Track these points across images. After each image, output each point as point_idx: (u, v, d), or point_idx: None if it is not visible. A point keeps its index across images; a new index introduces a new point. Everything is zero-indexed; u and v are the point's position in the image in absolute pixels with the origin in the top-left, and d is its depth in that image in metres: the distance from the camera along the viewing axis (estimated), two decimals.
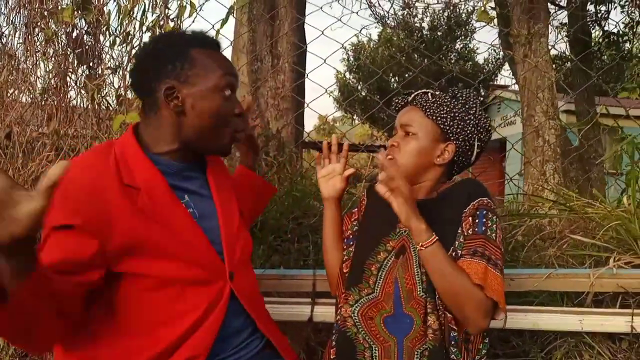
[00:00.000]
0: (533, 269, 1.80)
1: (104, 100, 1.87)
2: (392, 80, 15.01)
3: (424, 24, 14.74)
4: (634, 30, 8.19)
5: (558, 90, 4.01)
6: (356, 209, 1.35)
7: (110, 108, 1.89)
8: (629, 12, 8.01)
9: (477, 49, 15.89)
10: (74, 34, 1.83)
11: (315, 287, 1.68)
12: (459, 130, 1.18)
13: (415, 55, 14.28)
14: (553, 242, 1.91)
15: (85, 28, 1.83)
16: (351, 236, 1.30)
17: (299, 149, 4.99)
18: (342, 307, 1.19)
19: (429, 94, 1.21)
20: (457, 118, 1.18)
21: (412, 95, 1.23)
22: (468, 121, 1.19)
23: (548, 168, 3.47)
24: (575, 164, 4.10)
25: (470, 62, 15.47)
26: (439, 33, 14.46)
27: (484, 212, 1.12)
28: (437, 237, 1.06)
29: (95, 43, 1.83)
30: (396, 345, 1.12)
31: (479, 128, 1.21)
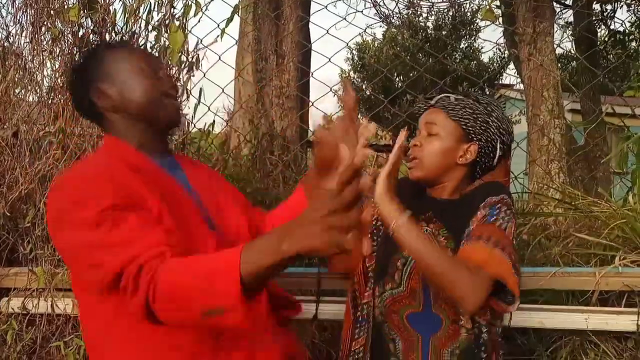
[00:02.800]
0: (538, 267, 1.79)
1: None
2: (397, 79, 14.98)
3: (429, 23, 14.70)
4: None
5: (563, 89, 4.00)
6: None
7: None
8: (635, 10, 7.97)
9: (482, 47, 15.85)
10: (80, 33, 1.84)
11: (320, 285, 1.68)
12: (481, 131, 1.21)
13: (420, 55, 14.25)
14: (558, 241, 1.91)
15: (92, 27, 1.84)
16: (375, 230, 1.29)
17: (303, 148, 5.01)
18: (370, 299, 1.20)
19: (452, 97, 1.24)
20: (480, 119, 1.21)
21: (435, 99, 1.25)
22: (490, 123, 1.22)
23: (553, 167, 3.46)
24: (581, 163, 4.09)
25: (475, 62, 15.42)
26: (443, 32, 14.43)
27: (498, 205, 1.14)
28: (407, 215, 1.05)
29: (102, 42, 1.83)
30: (420, 342, 1.13)
31: (501, 130, 1.23)
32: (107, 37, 1.85)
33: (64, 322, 1.75)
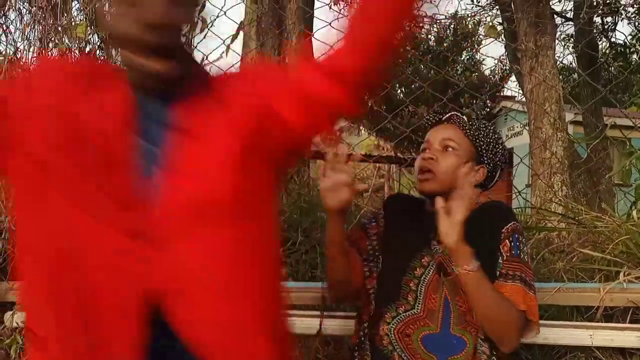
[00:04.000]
0: (542, 282, 1.79)
1: None
2: (399, 90, 15.04)
3: (430, 36, 14.79)
4: None
5: (565, 102, 4.02)
6: (373, 223, 1.33)
7: None
8: (636, 23, 8.02)
9: (483, 60, 15.92)
10: (87, 49, 1.87)
11: (324, 299, 1.68)
12: (492, 155, 1.25)
13: (422, 66, 14.32)
14: (562, 256, 1.91)
15: (99, 43, 1.86)
16: (372, 252, 1.29)
17: (306, 161, 5.02)
18: (378, 325, 1.18)
19: (464, 116, 1.28)
20: (492, 144, 1.25)
21: (449, 115, 1.28)
22: (498, 148, 1.26)
23: (556, 180, 3.46)
24: (583, 176, 4.09)
25: (476, 74, 15.48)
26: (445, 44, 14.51)
27: (516, 235, 1.17)
28: (478, 264, 1.07)
29: (108, 58, 1.86)
30: None
31: (504, 158, 1.28)
32: (114, 53, 1.88)
33: None
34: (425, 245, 1.21)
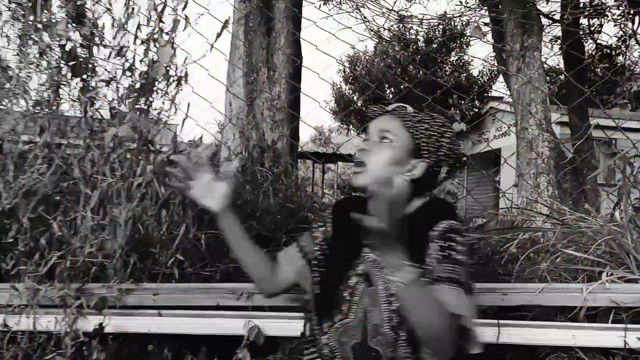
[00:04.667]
0: (526, 283, 1.79)
1: (97, 112, 1.86)
2: (388, 91, 15.08)
3: (419, 37, 14.84)
4: (627, 43, 8.28)
5: (551, 102, 4.04)
6: (321, 227, 1.28)
7: (104, 121, 1.89)
8: (622, 25, 8.11)
9: (471, 60, 16.01)
10: (68, 47, 1.83)
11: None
12: (433, 149, 1.16)
13: (411, 67, 14.37)
14: (546, 256, 1.91)
15: (80, 41, 1.83)
16: (320, 256, 1.23)
17: (294, 161, 5.00)
18: (319, 334, 1.16)
19: (409, 108, 1.20)
20: (434, 138, 1.16)
21: (393, 106, 1.20)
22: (443, 143, 1.17)
23: (542, 180, 3.48)
24: (569, 176, 4.12)
25: (464, 75, 15.57)
26: (434, 45, 14.57)
27: (450, 235, 1.09)
28: (419, 272, 0.96)
29: (89, 56, 1.83)
30: None
31: (450, 153, 1.19)
32: (96, 51, 1.85)
33: (46, 339, 1.72)
34: (361, 253, 1.15)
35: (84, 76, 1.83)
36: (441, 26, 14.57)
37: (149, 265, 1.81)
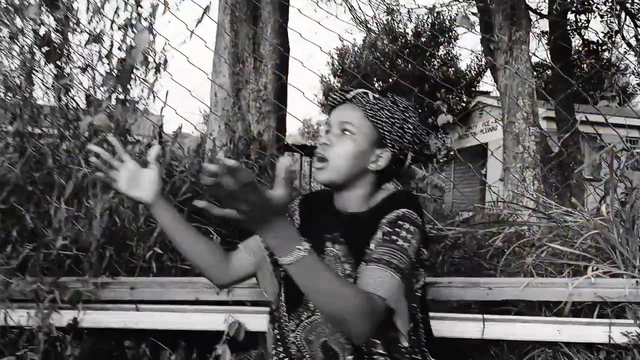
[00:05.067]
0: (511, 278, 1.77)
1: (72, 100, 1.80)
2: (376, 84, 15.05)
3: (408, 30, 14.82)
4: (613, 39, 8.34)
5: (539, 98, 4.04)
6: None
7: (80, 108, 1.82)
8: (608, 22, 8.16)
9: (460, 55, 16.04)
10: (42, 32, 1.76)
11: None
12: (397, 137, 1.11)
13: (400, 60, 14.35)
14: (531, 251, 1.89)
15: (54, 25, 1.76)
16: None
17: (281, 153, 4.95)
18: (286, 332, 1.11)
19: (370, 94, 1.13)
20: (397, 125, 1.11)
21: (353, 93, 1.13)
22: (407, 129, 1.12)
23: (528, 175, 3.47)
24: (555, 171, 4.13)
25: (452, 69, 15.60)
26: (422, 39, 14.55)
27: (400, 222, 1.03)
28: (307, 247, 0.84)
29: (64, 41, 1.76)
30: None
31: (415, 139, 1.14)
32: (70, 36, 1.78)
33: (17, 334, 1.66)
34: (323, 246, 1.10)
35: (58, 62, 1.76)
36: (430, 20, 14.57)
37: (126, 258, 1.75)
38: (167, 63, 1.74)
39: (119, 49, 1.80)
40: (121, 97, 1.76)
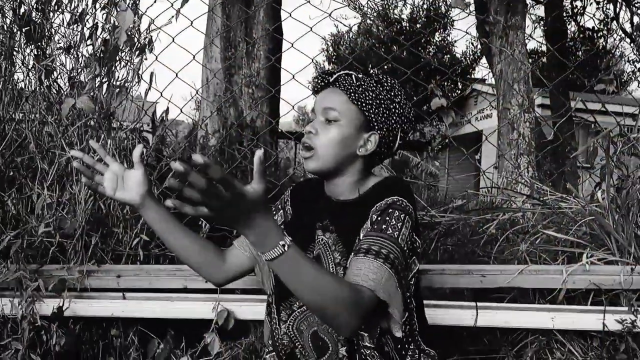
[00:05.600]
0: (505, 265, 1.75)
1: (54, 83, 1.74)
2: (372, 71, 14.95)
3: (403, 16, 14.70)
4: (609, 26, 8.29)
5: (534, 84, 4.00)
6: (280, 212, 1.19)
7: (62, 91, 1.76)
8: (604, 8, 8.10)
9: (455, 41, 15.93)
10: (22, 10, 1.69)
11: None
12: (383, 119, 1.07)
13: (395, 47, 14.24)
14: (526, 237, 1.87)
15: (34, 4, 1.69)
16: None
17: (273, 139, 4.89)
18: (278, 324, 1.09)
19: (353, 76, 1.08)
20: (383, 106, 1.07)
21: (336, 76, 1.09)
22: (393, 110, 1.08)
23: (522, 161, 3.45)
24: (550, 157, 4.10)
25: (448, 55, 15.52)
26: (418, 25, 14.43)
27: (390, 210, 1.00)
28: (288, 243, 0.81)
29: (45, 21, 1.69)
30: None
31: (403, 118, 1.10)
32: (51, 15, 1.71)
33: (1, 323, 1.62)
34: (315, 235, 1.08)
35: (40, 43, 1.69)
36: (425, 5, 14.45)
37: (112, 246, 1.71)
38: (152, 44, 1.68)
39: (103, 28, 1.74)
40: (105, 79, 1.70)
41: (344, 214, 1.06)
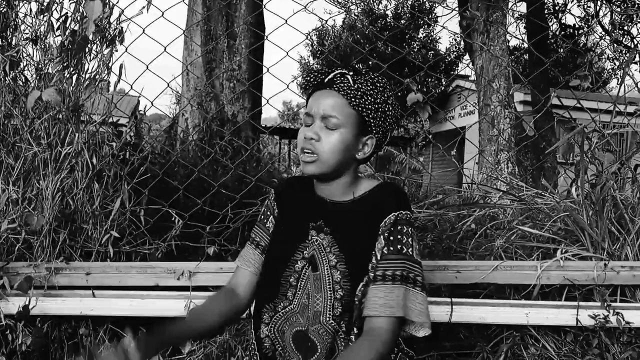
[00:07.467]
0: (480, 261, 1.75)
1: (20, 74, 1.68)
2: (357, 66, 14.92)
3: (388, 12, 14.69)
4: (589, 24, 8.38)
5: (514, 81, 4.02)
6: (270, 216, 1.18)
7: (29, 83, 1.70)
8: (585, 6, 8.18)
9: (439, 38, 15.99)
10: None
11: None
12: (380, 122, 1.07)
13: (379, 43, 14.24)
14: (502, 233, 1.87)
15: None
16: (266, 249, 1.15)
17: (255, 134, 4.84)
18: (259, 327, 1.07)
19: (349, 78, 1.06)
20: (380, 110, 1.06)
21: (332, 76, 1.07)
22: (388, 112, 1.08)
23: (502, 157, 3.46)
24: (530, 154, 4.13)
25: (432, 52, 15.56)
26: (402, 21, 14.44)
27: (399, 227, 1.03)
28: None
29: (10, 10, 1.63)
30: None
31: (394, 119, 1.11)
32: (17, 4, 1.65)
33: None
34: (306, 235, 1.08)
35: (4, 33, 1.63)
36: (410, 1, 14.46)
37: (81, 242, 1.67)
38: (122, 35, 1.63)
39: (72, 19, 1.69)
40: (74, 71, 1.65)
41: (339, 216, 1.07)
